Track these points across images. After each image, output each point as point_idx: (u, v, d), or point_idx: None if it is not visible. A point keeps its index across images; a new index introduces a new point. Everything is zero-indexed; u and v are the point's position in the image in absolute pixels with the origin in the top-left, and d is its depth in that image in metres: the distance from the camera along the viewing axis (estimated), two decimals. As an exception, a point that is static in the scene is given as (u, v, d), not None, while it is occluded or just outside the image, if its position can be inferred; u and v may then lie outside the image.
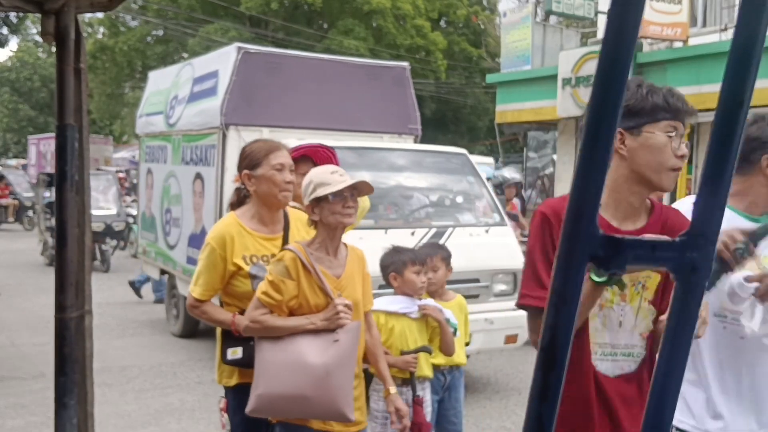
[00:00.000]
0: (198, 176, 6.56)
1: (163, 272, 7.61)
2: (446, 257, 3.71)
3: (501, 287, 5.46)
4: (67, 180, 2.34)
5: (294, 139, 5.78)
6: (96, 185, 11.99)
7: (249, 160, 2.80)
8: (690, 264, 0.48)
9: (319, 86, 6.54)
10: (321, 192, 2.50)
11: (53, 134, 2.12)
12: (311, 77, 6.55)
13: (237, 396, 2.83)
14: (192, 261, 6.48)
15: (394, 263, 3.39)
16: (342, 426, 2.58)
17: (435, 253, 3.66)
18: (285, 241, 2.85)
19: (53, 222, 11.01)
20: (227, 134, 6.08)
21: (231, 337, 2.77)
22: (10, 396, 5.40)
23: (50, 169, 24.49)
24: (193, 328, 7.18)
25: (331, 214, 2.53)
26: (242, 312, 2.74)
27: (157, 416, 5.06)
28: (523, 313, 2.01)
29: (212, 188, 6.20)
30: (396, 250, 3.45)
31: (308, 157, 3.45)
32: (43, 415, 4.87)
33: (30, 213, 17.67)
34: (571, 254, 0.47)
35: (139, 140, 8.50)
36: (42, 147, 26.88)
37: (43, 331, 7.19)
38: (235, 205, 2.94)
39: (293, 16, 25.74)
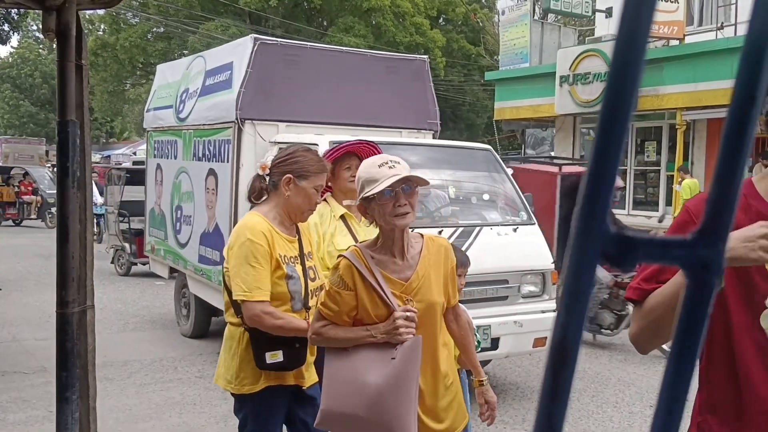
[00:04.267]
0: (211, 172, 6.37)
1: (172, 271, 7.48)
2: (464, 264, 3.50)
3: (530, 288, 5.27)
4: (69, 176, 2.34)
5: (312, 134, 5.67)
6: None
7: (299, 168, 2.69)
8: (701, 261, 0.48)
9: (337, 80, 6.32)
10: (369, 191, 2.24)
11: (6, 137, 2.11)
12: (329, 70, 6.32)
13: (262, 402, 2.74)
14: (205, 260, 6.41)
15: None
16: None
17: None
18: (300, 244, 2.80)
19: (127, 225, 10.92)
20: (243, 129, 5.88)
21: (267, 340, 2.66)
22: (12, 390, 5.41)
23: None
24: (204, 329, 7.10)
25: (381, 216, 2.26)
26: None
27: (158, 410, 5.07)
28: (551, 316, 1.93)
29: (227, 185, 6.02)
30: None
31: (353, 153, 3.42)
32: (45, 409, 4.88)
33: (53, 210, 17.51)
34: (582, 252, 0.47)
35: (147, 135, 8.29)
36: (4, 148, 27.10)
37: (45, 326, 7.20)
38: (257, 198, 2.81)
39: (293, 13, 25.73)
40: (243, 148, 5.91)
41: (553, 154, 19.04)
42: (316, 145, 5.25)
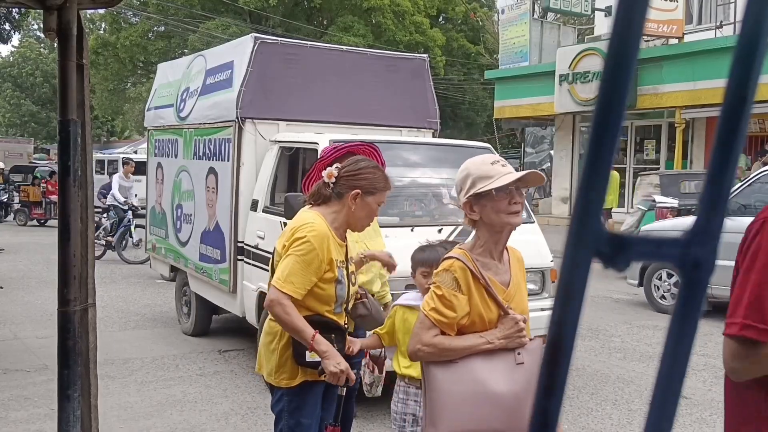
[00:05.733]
0: (211, 171, 6.38)
1: (173, 269, 7.49)
2: (425, 262, 3.40)
3: (530, 286, 5.30)
4: (70, 175, 2.35)
5: (312, 133, 5.70)
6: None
7: (368, 184, 2.77)
8: (693, 260, 0.49)
9: (337, 79, 6.33)
10: (483, 187, 2.13)
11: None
12: (329, 69, 6.33)
13: (299, 395, 2.80)
14: (205, 258, 6.42)
15: (413, 262, 3.28)
16: None
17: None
18: (346, 249, 2.87)
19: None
20: (243, 128, 5.90)
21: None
22: (13, 388, 5.42)
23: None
24: (205, 327, 7.09)
25: (495, 213, 2.16)
26: (315, 315, 2.73)
27: (159, 408, 5.09)
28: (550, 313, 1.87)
29: (227, 183, 6.04)
30: (421, 249, 3.25)
31: (353, 154, 3.46)
32: (47, 407, 4.89)
33: None
34: (577, 251, 0.48)
35: (148, 134, 8.29)
36: None
37: (46, 324, 7.21)
38: (315, 201, 2.86)
39: (293, 12, 25.73)
40: (243, 147, 5.93)
41: (552, 152, 19.06)
42: (317, 143, 5.28)
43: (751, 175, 8.23)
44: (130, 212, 12.11)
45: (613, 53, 0.48)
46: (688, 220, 9.85)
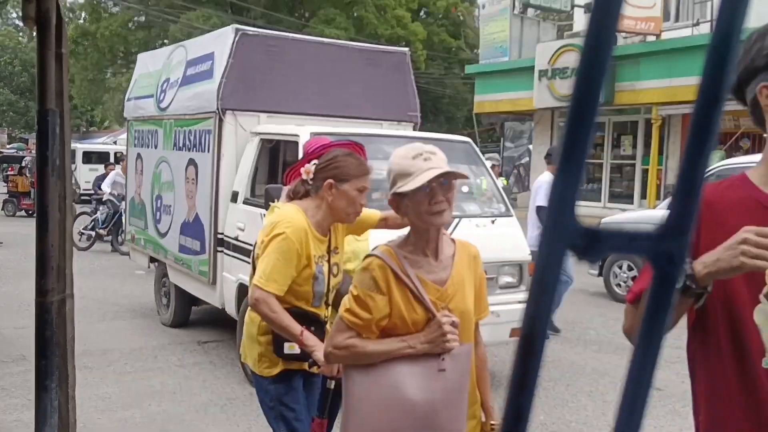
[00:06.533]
0: (191, 162, 6.36)
1: (152, 260, 7.45)
2: None
3: (507, 279, 5.36)
4: (48, 165, 2.34)
5: (293, 125, 5.69)
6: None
7: (339, 173, 2.73)
8: (666, 254, 0.51)
9: (318, 71, 6.32)
10: (401, 186, 1.98)
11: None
12: (310, 61, 6.32)
13: (280, 384, 2.82)
14: (185, 249, 6.40)
15: None
16: None
17: None
18: (329, 244, 2.84)
19: None
20: (224, 119, 5.88)
21: None
22: (-12, 380, 5.37)
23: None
24: (184, 318, 7.08)
25: (415, 214, 2.01)
26: (293, 307, 2.71)
27: (138, 399, 5.07)
28: None
29: (207, 175, 6.02)
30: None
31: None
32: (24, 397, 4.85)
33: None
34: (551, 244, 0.50)
35: (128, 124, 8.23)
36: None
37: (24, 315, 7.13)
38: (296, 197, 2.85)
39: (275, 4, 25.56)
40: (224, 139, 5.91)
41: (530, 147, 19.16)
42: (297, 136, 5.27)
43: (708, 169, 8.41)
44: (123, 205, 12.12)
45: (589, 49, 0.49)
46: (650, 213, 9.94)
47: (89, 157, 20.91)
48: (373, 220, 3.16)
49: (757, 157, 1.64)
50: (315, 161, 2.82)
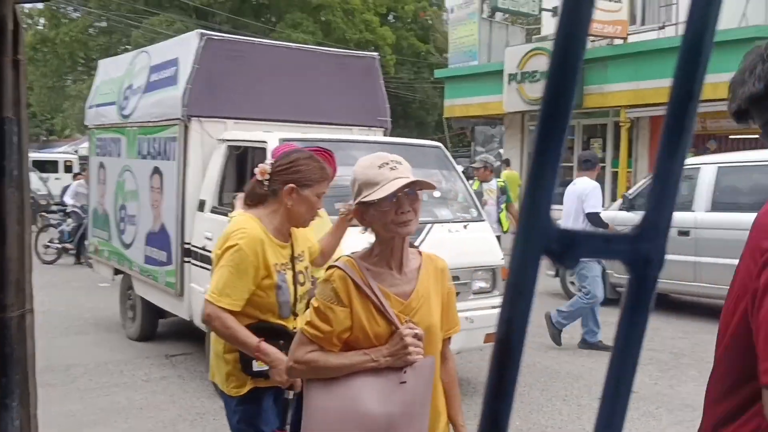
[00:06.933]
0: (156, 171, 6.24)
1: (117, 272, 7.31)
2: None
3: (480, 284, 5.34)
4: (6, 175, 2.26)
5: (261, 131, 5.62)
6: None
7: (301, 177, 2.62)
8: (643, 256, 0.48)
9: (286, 76, 6.27)
10: (367, 195, 1.95)
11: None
12: (278, 67, 6.26)
13: (252, 403, 2.70)
14: (151, 260, 6.28)
15: None
16: None
17: None
18: (292, 250, 2.73)
19: None
20: (189, 126, 5.79)
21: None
22: (-54, 399, 5.21)
23: None
24: (151, 332, 6.95)
25: (381, 225, 1.99)
26: (259, 322, 2.61)
27: (103, 416, 4.95)
28: None
29: (173, 183, 5.91)
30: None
31: None
32: (-18, 418, 4.71)
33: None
34: (526, 248, 0.47)
35: (89, 132, 8.07)
36: None
37: (-19, 332, 6.96)
38: (252, 202, 2.73)
39: (240, 9, 25.44)
40: (189, 146, 5.83)
41: (501, 151, 19.31)
42: (265, 142, 5.21)
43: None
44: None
45: (560, 52, 0.47)
46: (609, 214, 9.86)
47: (41, 167, 20.60)
48: (315, 253, 3.04)
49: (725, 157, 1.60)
50: (270, 161, 2.71)
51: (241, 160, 5.99)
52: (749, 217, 1.45)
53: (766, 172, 7.94)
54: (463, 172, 10.28)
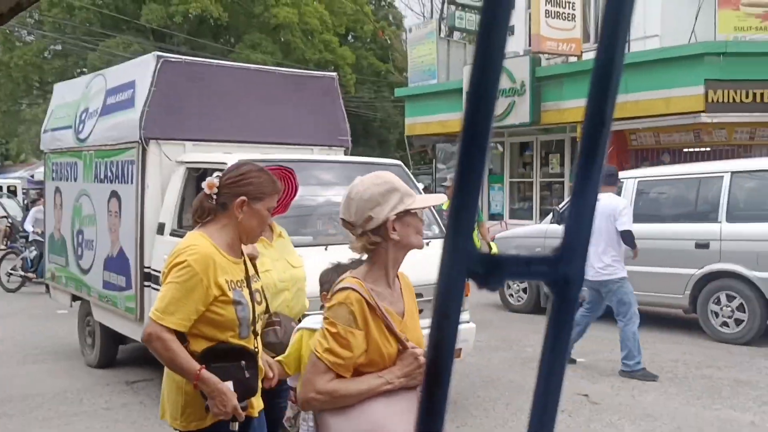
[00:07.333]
0: (114, 194, 6.15)
1: (75, 299, 7.13)
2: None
3: None
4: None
5: (220, 153, 5.60)
6: None
7: (253, 190, 2.53)
8: (563, 277, 0.50)
9: (245, 97, 6.25)
10: (412, 204, 1.99)
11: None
12: (237, 88, 6.24)
13: None
14: (110, 286, 6.16)
15: (328, 282, 2.96)
16: None
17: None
18: (246, 266, 2.62)
19: None
20: (147, 149, 5.73)
21: (218, 375, 2.42)
22: None
23: None
24: (111, 358, 6.80)
25: (414, 234, 2.04)
26: (219, 343, 2.46)
27: (61, 448, 4.83)
28: (466, 327, 1.82)
29: (131, 207, 5.84)
30: (335, 269, 3.02)
31: None
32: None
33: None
34: (451, 271, 0.49)
35: (45, 157, 7.94)
36: None
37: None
38: (201, 217, 2.60)
39: (198, 30, 25.33)
40: (148, 169, 5.77)
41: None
42: (225, 164, 5.18)
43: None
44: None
45: (477, 77, 0.49)
46: (542, 227, 10.07)
47: None
48: (301, 280, 3.00)
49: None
50: (218, 174, 2.61)
51: (200, 182, 5.94)
52: (669, 228, 1.52)
53: (682, 184, 8.36)
54: (424, 189, 10.39)
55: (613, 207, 6.55)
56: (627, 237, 6.55)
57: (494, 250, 8.95)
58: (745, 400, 5.72)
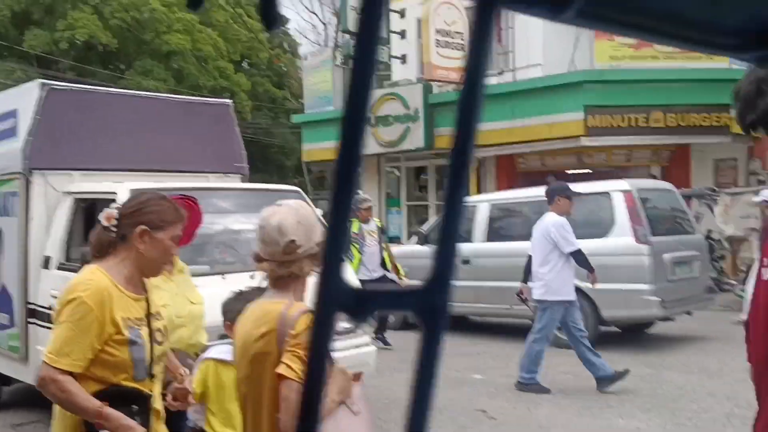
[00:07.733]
0: None
1: None
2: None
3: (344, 324, 5.41)
4: None
5: (110, 182, 5.44)
6: None
7: (154, 218, 2.40)
8: (430, 307, 0.52)
9: (135, 125, 6.10)
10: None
11: None
12: (127, 115, 6.10)
13: None
14: None
15: (231, 312, 2.94)
16: None
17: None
18: (148, 303, 2.48)
19: None
20: (31, 180, 5.53)
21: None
22: None
23: None
24: None
25: (313, 266, 2.17)
26: (110, 386, 2.32)
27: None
28: (366, 350, 1.94)
29: (14, 241, 5.59)
30: (237, 298, 2.98)
31: None
32: None
33: None
34: (322, 306, 0.50)
35: None
36: None
37: None
38: (100, 252, 2.44)
39: (86, 56, 24.45)
40: (32, 201, 5.56)
41: (360, 192, 19.57)
42: (115, 193, 5.02)
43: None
44: None
45: (349, 105, 0.50)
46: (407, 248, 10.34)
47: None
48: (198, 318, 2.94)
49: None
50: (116, 205, 2.50)
51: (90, 213, 5.73)
52: (519, 246, 1.66)
53: (529, 207, 8.80)
54: (323, 215, 10.33)
55: (552, 225, 6.52)
56: (577, 258, 6.56)
57: (401, 272, 9.05)
58: (631, 408, 6.01)
